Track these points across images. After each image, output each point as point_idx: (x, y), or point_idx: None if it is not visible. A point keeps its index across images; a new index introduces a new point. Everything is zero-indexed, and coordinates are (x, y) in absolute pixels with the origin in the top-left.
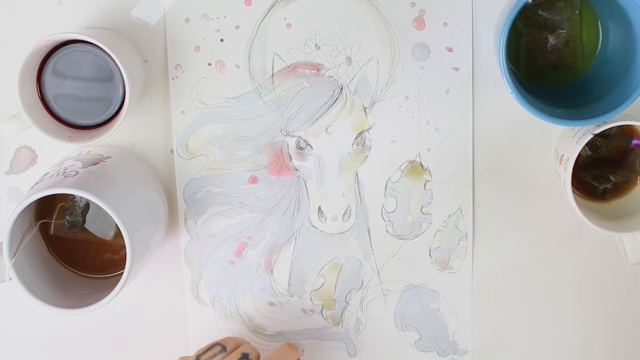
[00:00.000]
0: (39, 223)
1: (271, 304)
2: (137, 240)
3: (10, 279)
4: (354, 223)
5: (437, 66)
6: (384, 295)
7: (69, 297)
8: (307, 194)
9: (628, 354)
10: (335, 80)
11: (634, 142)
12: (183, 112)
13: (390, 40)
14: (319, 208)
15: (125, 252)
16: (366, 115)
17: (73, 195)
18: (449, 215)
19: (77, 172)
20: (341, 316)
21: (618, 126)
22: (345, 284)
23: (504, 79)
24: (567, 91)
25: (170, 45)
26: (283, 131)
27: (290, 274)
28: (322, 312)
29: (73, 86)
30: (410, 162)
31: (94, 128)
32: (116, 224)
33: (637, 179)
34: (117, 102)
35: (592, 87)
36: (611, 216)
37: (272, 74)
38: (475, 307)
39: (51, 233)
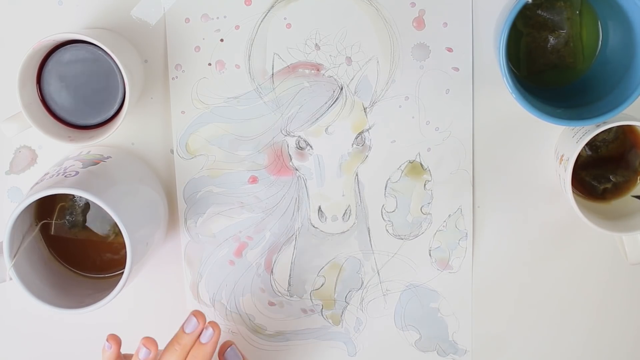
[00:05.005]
0: (40, 224)
1: (271, 303)
2: (137, 240)
3: (11, 279)
4: (354, 223)
5: (437, 66)
6: (384, 295)
7: (69, 297)
8: (307, 194)
9: (628, 353)
10: (335, 80)
11: None
12: (183, 112)
13: (390, 40)
14: (319, 208)
15: (125, 252)
16: (366, 115)
17: (73, 195)
18: (449, 215)
19: (77, 172)
20: (341, 316)
21: (618, 126)
22: (345, 284)
23: (504, 79)
24: (567, 91)
25: (170, 45)
26: (283, 131)
27: (290, 274)
28: (322, 312)
29: (73, 86)
30: (410, 162)
31: (94, 128)
32: (116, 224)
33: (637, 179)
34: (117, 102)
35: (592, 87)
36: (611, 216)
37: (272, 74)
38: (475, 307)
39: (52, 233)
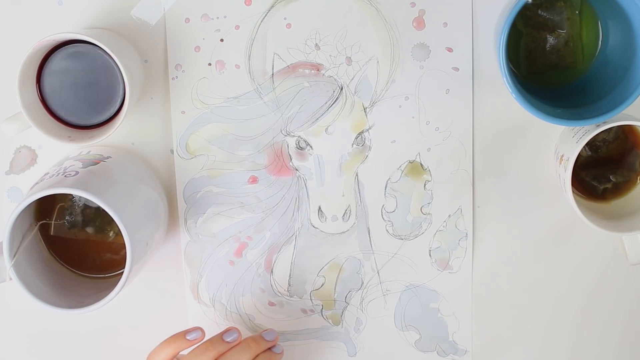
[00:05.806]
0: (39, 224)
1: (271, 304)
2: (137, 240)
3: (11, 279)
4: (354, 223)
5: (437, 66)
6: (384, 295)
7: (69, 297)
8: (307, 194)
9: (628, 353)
10: (335, 80)
11: None
12: (183, 112)
13: (390, 40)
14: (319, 208)
15: (125, 252)
16: (366, 115)
17: (73, 195)
18: (449, 215)
19: (77, 172)
20: (341, 316)
21: (618, 126)
22: (345, 284)
23: (504, 79)
24: (567, 91)
25: (170, 45)
26: (283, 131)
27: (290, 274)
28: (322, 312)
29: (73, 86)
30: (410, 162)
31: (94, 128)
32: (116, 224)
33: (637, 179)
34: (117, 102)
35: (592, 87)
36: (611, 216)
37: (272, 74)
38: (475, 307)
39: (51, 234)
